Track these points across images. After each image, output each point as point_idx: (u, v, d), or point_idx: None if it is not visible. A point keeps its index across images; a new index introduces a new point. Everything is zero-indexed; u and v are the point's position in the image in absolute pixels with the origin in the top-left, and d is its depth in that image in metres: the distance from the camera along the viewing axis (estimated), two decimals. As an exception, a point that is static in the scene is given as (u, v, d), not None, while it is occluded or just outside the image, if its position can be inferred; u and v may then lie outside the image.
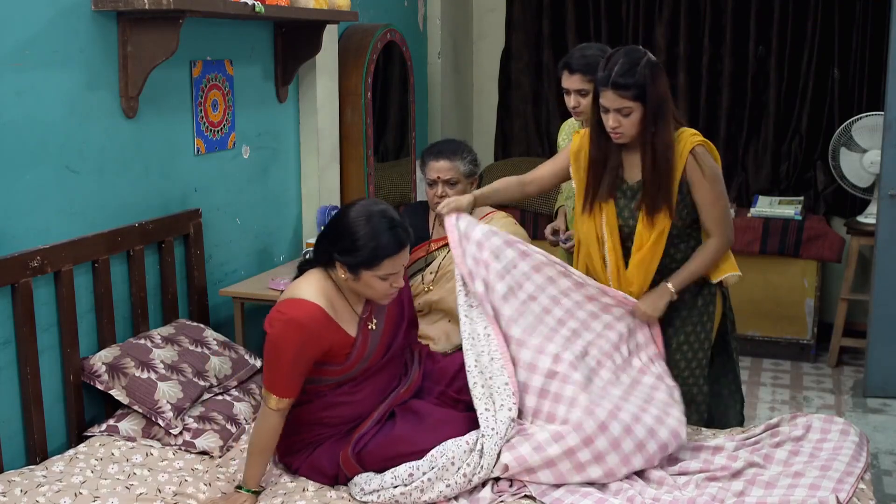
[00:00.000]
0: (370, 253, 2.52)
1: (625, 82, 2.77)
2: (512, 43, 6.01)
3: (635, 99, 2.78)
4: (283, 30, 3.96)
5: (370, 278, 2.55)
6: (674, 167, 2.85)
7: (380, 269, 2.54)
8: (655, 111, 2.80)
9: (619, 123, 2.82)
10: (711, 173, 2.87)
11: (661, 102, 2.81)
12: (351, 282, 2.58)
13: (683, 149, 2.85)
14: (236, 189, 3.78)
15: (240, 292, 3.67)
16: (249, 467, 2.59)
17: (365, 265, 2.53)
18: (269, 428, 2.59)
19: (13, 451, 2.76)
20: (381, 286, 2.58)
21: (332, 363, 2.62)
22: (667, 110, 2.83)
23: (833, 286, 5.51)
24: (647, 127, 2.82)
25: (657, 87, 2.80)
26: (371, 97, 4.50)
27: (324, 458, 2.65)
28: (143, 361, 2.97)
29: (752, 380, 5.02)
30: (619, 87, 2.78)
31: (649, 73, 2.78)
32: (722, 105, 5.58)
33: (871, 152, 4.99)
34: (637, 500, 2.44)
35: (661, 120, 2.81)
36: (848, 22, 5.30)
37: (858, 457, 2.61)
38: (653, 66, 2.80)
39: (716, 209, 2.90)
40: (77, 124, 2.95)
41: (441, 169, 3.39)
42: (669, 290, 2.92)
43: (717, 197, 2.90)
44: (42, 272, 2.78)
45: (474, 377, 2.65)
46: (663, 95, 2.82)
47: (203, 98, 3.52)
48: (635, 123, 2.82)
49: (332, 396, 2.67)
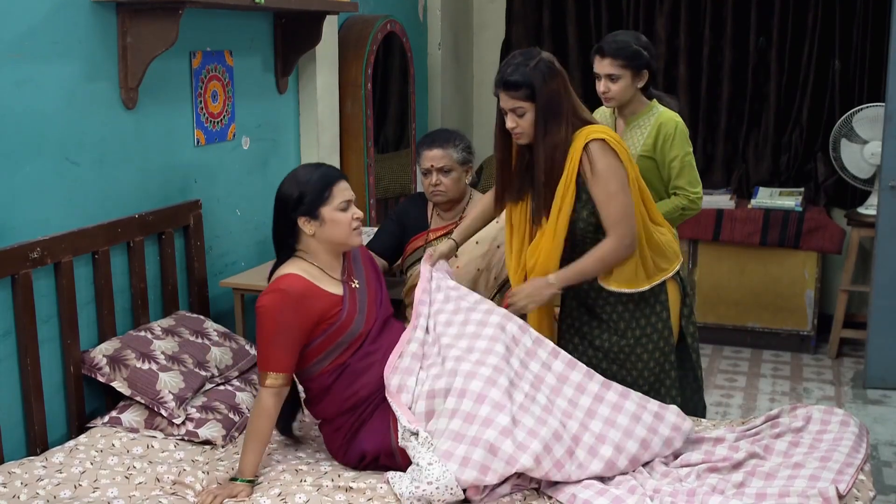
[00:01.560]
0: (316, 187, 2.68)
1: (514, 82, 2.79)
2: (512, 34, 6.00)
3: (526, 99, 2.79)
4: (283, 20, 3.95)
5: (331, 213, 2.68)
6: (561, 167, 2.81)
7: (333, 199, 2.68)
8: (546, 111, 2.79)
9: (516, 124, 2.84)
10: (604, 170, 2.79)
11: (553, 102, 2.79)
12: (318, 230, 2.69)
13: (578, 146, 2.81)
14: (236, 180, 3.78)
15: (240, 283, 3.67)
16: (245, 455, 2.59)
17: (319, 202, 2.67)
18: (264, 411, 2.60)
19: (13, 442, 2.76)
20: (344, 218, 2.70)
21: (329, 326, 2.66)
22: (560, 110, 2.80)
23: (833, 277, 5.51)
24: (538, 126, 2.81)
25: (548, 86, 2.78)
26: (371, 88, 4.50)
27: (366, 443, 2.67)
28: (143, 353, 2.97)
29: (752, 371, 5.02)
30: (509, 88, 2.81)
31: (540, 73, 2.77)
32: (722, 97, 5.57)
33: (871, 143, 4.99)
34: (638, 491, 2.44)
35: (553, 119, 2.79)
36: (849, 13, 5.29)
37: (858, 448, 2.61)
38: (546, 65, 2.79)
39: (609, 207, 2.81)
40: (77, 115, 2.94)
41: (434, 157, 3.41)
42: (550, 283, 2.85)
43: (610, 195, 2.80)
44: (42, 263, 2.77)
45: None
46: (556, 95, 2.79)
47: (203, 89, 3.51)
48: (531, 123, 2.82)
49: (346, 377, 2.69)
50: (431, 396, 2.61)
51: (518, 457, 2.43)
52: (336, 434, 2.74)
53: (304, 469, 2.67)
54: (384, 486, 2.52)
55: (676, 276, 3.01)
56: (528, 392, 2.60)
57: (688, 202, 3.32)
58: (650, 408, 2.67)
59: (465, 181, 3.50)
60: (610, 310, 2.96)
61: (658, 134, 3.28)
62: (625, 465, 2.56)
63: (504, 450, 2.43)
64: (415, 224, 3.60)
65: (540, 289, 2.87)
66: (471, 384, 2.55)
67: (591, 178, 2.81)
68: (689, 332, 3.08)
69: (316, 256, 2.74)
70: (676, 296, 3.01)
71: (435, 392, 2.61)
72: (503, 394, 2.53)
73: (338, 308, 2.69)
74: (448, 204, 3.51)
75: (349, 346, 2.70)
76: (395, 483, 2.50)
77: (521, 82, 2.78)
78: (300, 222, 2.69)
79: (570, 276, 2.87)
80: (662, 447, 2.63)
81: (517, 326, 2.75)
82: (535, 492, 2.54)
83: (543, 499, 2.51)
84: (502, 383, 2.56)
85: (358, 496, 2.50)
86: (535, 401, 2.59)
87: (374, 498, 2.48)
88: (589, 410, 2.62)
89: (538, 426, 2.51)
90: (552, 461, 2.47)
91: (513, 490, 2.52)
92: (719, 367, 5.08)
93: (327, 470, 2.67)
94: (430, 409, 2.60)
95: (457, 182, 3.45)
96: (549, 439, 2.49)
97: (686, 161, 3.30)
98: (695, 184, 3.33)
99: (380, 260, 3.56)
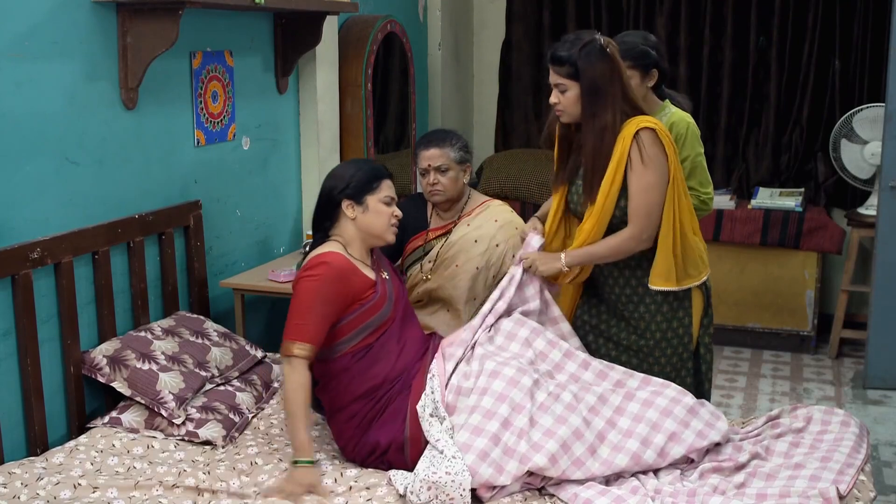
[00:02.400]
0: (366, 176, 2.80)
1: (559, 57, 2.80)
2: (513, 34, 6.00)
3: (569, 77, 2.80)
4: (283, 21, 3.95)
5: (375, 203, 2.79)
6: (609, 152, 2.81)
7: (380, 191, 2.81)
8: (591, 93, 2.79)
9: (557, 100, 2.85)
10: (650, 160, 2.78)
11: (598, 85, 2.78)
12: (360, 216, 2.79)
13: (629, 132, 2.80)
14: (236, 180, 3.77)
15: (240, 284, 3.67)
16: (295, 435, 2.60)
17: (367, 189, 2.79)
18: (297, 383, 2.61)
19: (13, 442, 2.76)
20: (386, 212, 2.82)
21: (360, 306, 2.72)
22: (606, 94, 2.79)
23: (833, 278, 5.51)
24: (584, 108, 2.82)
25: (593, 69, 2.77)
26: (371, 88, 4.50)
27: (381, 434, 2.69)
28: (143, 353, 2.97)
29: (752, 371, 5.02)
30: (554, 62, 2.83)
31: (587, 54, 2.77)
32: (723, 96, 5.57)
33: (871, 144, 4.99)
34: (640, 491, 2.45)
35: (600, 103, 2.79)
36: (849, 13, 5.29)
37: (859, 448, 2.61)
38: (596, 49, 2.78)
39: (641, 198, 2.80)
40: (77, 116, 2.94)
41: (431, 156, 3.41)
42: (560, 259, 2.87)
43: (646, 186, 2.79)
44: (42, 264, 2.77)
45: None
46: (601, 78, 2.78)
47: (203, 89, 3.51)
48: (573, 102, 2.82)
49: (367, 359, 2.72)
50: (458, 392, 2.67)
51: (531, 456, 2.47)
52: (348, 423, 2.73)
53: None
54: (384, 488, 2.52)
55: (703, 286, 3.01)
56: (552, 391, 2.65)
57: (699, 202, 3.32)
58: (685, 402, 2.67)
59: (464, 181, 3.49)
60: (633, 308, 2.96)
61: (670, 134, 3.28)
62: (653, 458, 2.56)
63: (518, 451, 2.48)
64: (414, 224, 3.59)
65: (548, 259, 2.91)
66: (493, 384, 2.62)
67: (637, 164, 2.79)
68: (705, 343, 3.07)
69: (350, 245, 2.79)
70: (700, 304, 3.01)
71: (461, 389, 2.67)
72: (525, 394, 2.59)
73: (371, 290, 2.75)
74: (446, 203, 3.51)
75: (376, 329, 2.74)
76: (397, 480, 2.50)
77: (566, 59, 2.79)
78: (344, 205, 2.78)
79: (580, 257, 2.88)
80: (696, 439, 2.60)
81: (545, 342, 2.81)
82: (537, 491, 2.54)
83: (545, 498, 2.51)
84: (525, 383, 2.62)
85: (358, 496, 2.50)
86: (559, 399, 2.63)
87: (374, 499, 2.48)
88: (618, 408, 2.66)
89: (557, 425, 2.55)
90: (570, 459, 2.51)
91: (523, 488, 2.53)
92: (719, 367, 5.07)
93: (328, 470, 2.67)
94: (453, 403, 2.66)
95: (454, 181, 3.44)
96: (567, 437, 2.53)
97: (697, 161, 3.30)
98: (706, 184, 3.33)
99: (380, 260, 3.57)
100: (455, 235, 3.47)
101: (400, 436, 2.66)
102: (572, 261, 2.87)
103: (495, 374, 2.65)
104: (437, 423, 2.61)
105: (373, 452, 2.70)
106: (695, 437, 2.61)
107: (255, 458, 2.77)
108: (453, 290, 3.39)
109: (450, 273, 3.40)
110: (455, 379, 2.71)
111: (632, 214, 2.83)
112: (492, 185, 5.55)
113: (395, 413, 2.70)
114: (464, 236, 3.44)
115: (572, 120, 2.87)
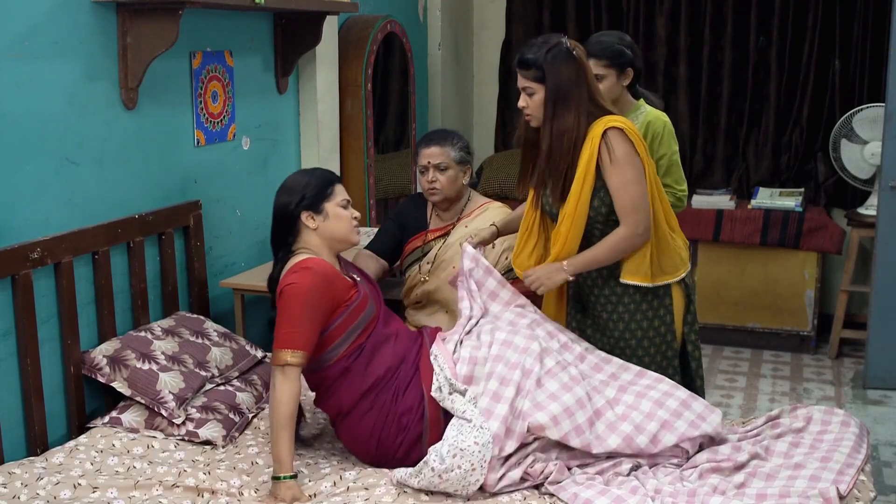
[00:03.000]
0: (320, 183, 2.82)
1: (525, 61, 2.83)
2: (513, 34, 6.00)
3: (535, 80, 2.82)
4: (283, 21, 3.95)
5: (334, 208, 2.81)
6: (567, 155, 2.82)
7: (335, 195, 2.82)
8: (554, 96, 2.80)
9: (525, 104, 2.87)
10: (622, 157, 2.79)
11: (563, 88, 2.79)
12: (322, 224, 2.80)
13: (596, 133, 2.81)
14: (236, 181, 3.77)
15: (240, 284, 3.67)
16: (279, 448, 2.56)
17: (323, 197, 2.80)
18: (290, 392, 2.59)
19: (13, 442, 2.76)
20: (346, 215, 2.83)
21: (345, 308, 2.73)
22: (570, 98, 2.80)
23: (833, 278, 5.51)
24: (546, 111, 2.83)
25: (559, 72, 2.79)
26: (371, 88, 4.50)
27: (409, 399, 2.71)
28: (143, 353, 2.97)
29: (752, 371, 5.02)
30: (521, 66, 2.85)
31: (553, 58, 2.79)
32: (723, 96, 5.57)
33: (871, 144, 4.99)
34: (640, 491, 2.45)
35: (562, 106, 2.80)
36: (849, 13, 5.29)
37: (859, 448, 2.61)
38: (561, 51, 2.80)
39: (624, 195, 2.82)
40: (77, 116, 2.94)
41: (431, 154, 3.42)
42: (563, 269, 2.87)
43: (625, 183, 2.81)
44: (42, 264, 2.77)
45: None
46: (566, 81, 2.80)
47: (203, 89, 3.51)
48: (540, 105, 2.84)
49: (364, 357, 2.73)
50: (473, 362, 2.72)
51: (533, 413, 2.55)
52: (367, 417, 2.71)
53: (304, 472, 2.68)
54: (382, 488, 2.52)
55: (682, 283, 3.02)
56: (559, 360, 2.72)
57: (675, 199, 3.35)
58: (678, 395, 2.69)
59: (463, 181, 3.49)
60: (612, 308, 2.95)
61: (647, 133, 3.30)
62: (645, 443, 2.59)
63: (522, 410, 2.57)
64: (414, 224, 3.60)
65: (552, 272, 2.89)
66: (506, 352, 2.70)
67: (608, 165, 2.81)
68: (692, 340, 3.08)
69: (319, 254, 2.79)
70: (681, 302, 3.01)
71: (476, 359, 2.73)
72: (534, 359, 2.67)
73: (354, 290, 2.77)
74: (445, 203, 3.51)
75: (364, 328, 2.75)
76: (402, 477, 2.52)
77: (532, 62, 2.81)
78: (303, 217, 2.78)
79: (582, 263, 2.88)
80: (688, 429, 2.62)
81: (545, 332, 2.83)
82: (536, 491, 2.54)
83: (545, 498, 2.51)
84: (535, 349, 2.69)
85: (356, 496, 2.50)
86: (566, 370, 2.69)
87: (371, 498, 2.48)
88: (614, 399, 2.69)
89: (562, 391, 2.61)
90: (572, 424, 2.56)
91: (523, 486, 2.54)
92: (719, 368, 5.08)
93: (327, 472, 2.67)
94: (469, 374, 2.71)
95: (453, 181, 3.45)
96: (571, 405, 2.59)
97: (673, 160, 3.34)
98: (681, 181, 3.37)
99: (380, 261, 3.56)
100: (453, 237, 3.47)
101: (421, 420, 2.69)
102: (575, 269, 2.88)
103: (507, 343, 2.72)
104: (459, 396, 2.66)
105: (405, 429, 2.69)
106: (687, 426, 2.62)
107: (256, 458, 2.77)
108: (450, 293, 3.40)
109: (447, 275, 3.41)
110: (466, 351, 2.75)
111: (622, 214, 2.84)
112: (492, 186, 5.56)
113: (413, 392, 2.72)
114: (461, 238, 3.44)
115: (541, 123, 2.88)
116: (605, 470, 2.58)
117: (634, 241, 2.85)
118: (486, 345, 2.75)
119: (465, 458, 2.46)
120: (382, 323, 2.82)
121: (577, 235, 2.88)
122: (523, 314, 2.88)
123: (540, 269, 2.93)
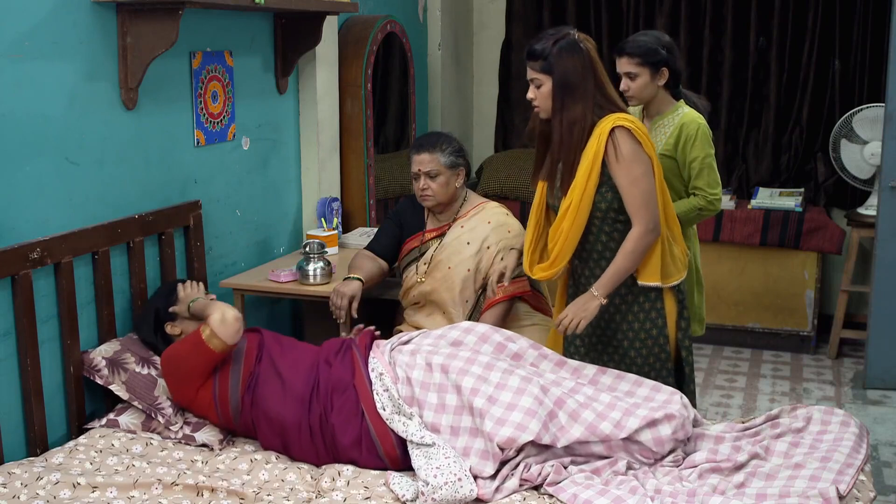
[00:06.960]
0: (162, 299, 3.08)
1: (533, 52, 2.85)
2: (512, 34, 6.00)
3: (543, 71, 2.84)
4: (283, 21, 3.95)
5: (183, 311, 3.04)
6: (578, 145, 2.84)
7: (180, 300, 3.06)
8: (562, 88, 2.82)
9: (534, 95, 2.90)
10: (628, 155, 2.80)
11: (569, 79, 2.81)
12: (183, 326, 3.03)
13: (604, 129, 2.82)
14: (236, 181, 3.77)
15: (240, 284, 3.67)
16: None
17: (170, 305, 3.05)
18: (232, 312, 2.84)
19: (13, 442, 2.76)
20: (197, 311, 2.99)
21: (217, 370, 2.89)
22: (577, 89, 2.82)
23: (833, 278, 5.51)
24: (555, 102, 2.85)
25: (565, 64, 2.81)
26: (371, 88, 4.50)
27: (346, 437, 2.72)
28: (143, 357, 2.98)
29: (751, 371, 5.02)
30: (529, 57, 2.88)
31: (560, 49, 2.81)
32: (722, 96, 5.57)
33: (871, 144, 4.99)
34: (639, 491, 2.44)
35: (569, 98, 2.82)
36: (849, 13, 5.29)
37: (859, 448, 2.61)
38: (569, 42, 2.82)
39: (634, 191, 2.83)
40: (77, 116, 2.94)
41: (422, 161, 3.42)
42: (594, 296, 2.87)
43: (633, 180, 2.82)
44: (42, 264, 2.77)
45: None
46: (573, 74, 2.82)
47: (203, 89, 3.51)
48: (547, 96, 2.86)
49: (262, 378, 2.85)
50: (416, 385, 2.73)
51: (497, 430, 2.54)
52: (305, 435, 2.75)
53: (304, 468, 2.69)
54: (382, 488, 2.52)
55: (674, 289, 3.01)
56: (506, 368, 2.71)
57: (706, 203, 3.34)
58: (645, 383, 2.75)
59: (456, 184, 3.48)
60: (603, 309, 2.95)
61: (680, 134, 3.29)
62: (609, 429, 2.58)
63: (485, 431, 2.58)
64: (412, 224, 3.60)
65: (586, 303, 2.88)
66: (448, 378, 2.72)
67: (615, 163, 2.82)
68: (685, 346, 3.08)
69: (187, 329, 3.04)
70: (674, 308, 3.02)
71: (419, 382, 2.73)
72: (476, 379, 2.67)
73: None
74: (439, 206, 3.51)
75: (245, 363, 2.88)
76: (395, 485, 2.51)
77: (540, 53, 2.83)
78: (168, 328, 3.04)
79: (609, 280, 2.87)
80: (650, 412, 2.61)
81: (492, 347, 2.86)
82: (535, 492, 2.54)
83: (544, 499, 2.51)
84: (475, 371, 2.69)
85: (356, 493, 2.50)
86: (514, 374, 2.69)
87: (373, 497, 2.48)
88: (573, 388, 2.71)
89: (517, 397, 2.61)
90: (539, 422, 2.56)
91: (522, 484, 2.54)
92: (719, 368, 5.08)
93: (326, 469, 2.67)
94: (411, 395, 2.72)
95: (444, 186, 3.44)
96: (530, 405, 2.59)
97: (706, 163, 3.32)
98: (714, 185, 3.34)
99: (379, 261, 3.56)
100: (448, 237, 3.47)
101: (367, 435, 2.69)
102: (605, 290, 2.88)
103: (445, 368, 2.73)
104: (408, 420, 2.66)
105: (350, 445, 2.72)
106: (648, 411, 2.62)
107: (254, 455, 2.77)
108: (446, 293, 3.40)
109: (443, 275, 3.41)
110: (400, 371, 2.78)
111: (632, 211, 2.85)
112: (491, 186, 5.56)
113: (348, 413, 2.73)
114: (457, 238, 3.44)
115: (549, 115, 2.89)
116: (601, 469, 2.58)
117: (648, 238, 2.86)
118: (423, 368, 2.77)
119: (443, 474, 2.46)
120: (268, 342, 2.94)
121: (577, 232, 2.88)
122: (470, 329, 2.92)
123: (571, 307, 2.91)
